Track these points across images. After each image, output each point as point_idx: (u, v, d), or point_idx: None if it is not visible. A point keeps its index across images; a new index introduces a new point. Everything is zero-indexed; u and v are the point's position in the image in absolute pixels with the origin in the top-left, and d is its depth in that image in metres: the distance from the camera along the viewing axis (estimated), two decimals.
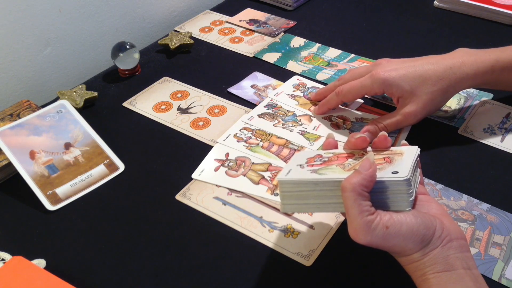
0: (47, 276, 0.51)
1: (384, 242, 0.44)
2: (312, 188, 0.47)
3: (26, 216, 0.61)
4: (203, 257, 0.56)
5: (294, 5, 1.01)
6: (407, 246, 0.44)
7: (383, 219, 0.43)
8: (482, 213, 0.59)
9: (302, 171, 0.49)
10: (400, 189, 0.45)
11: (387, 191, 0.45)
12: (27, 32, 0.78)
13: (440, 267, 0.43)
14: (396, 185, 0.45)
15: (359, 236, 0.44)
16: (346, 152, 0.52)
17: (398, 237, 0.43)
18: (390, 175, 0.45)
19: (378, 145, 0.52)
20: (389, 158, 0.49)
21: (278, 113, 0.75)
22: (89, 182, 0.65)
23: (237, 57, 0.88)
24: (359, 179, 0.44)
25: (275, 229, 0.58)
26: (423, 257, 0.44)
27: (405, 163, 0.47)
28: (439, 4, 1.00)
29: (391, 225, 0.43)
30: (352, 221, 0.44)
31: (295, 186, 0.48)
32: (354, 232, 0.44)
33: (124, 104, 0.78)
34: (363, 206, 0.43)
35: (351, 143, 0.52)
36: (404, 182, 0.44)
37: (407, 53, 0.87)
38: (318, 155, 0.53)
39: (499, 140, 0.69)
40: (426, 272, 0.44)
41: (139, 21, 0.96)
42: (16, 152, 0.64)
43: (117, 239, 0.58)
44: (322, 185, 0.47)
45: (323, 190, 0.47)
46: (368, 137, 0.52)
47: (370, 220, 0.43)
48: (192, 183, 0.65)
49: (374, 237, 0.43)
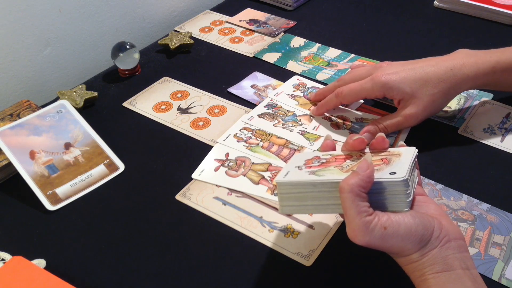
0: (47, 276, 0.51)
1: (383, 242, 0.44)
2: (310, 190, 0.47)
3: (26, 216, 0.61)
4: (203, 257, 0.56)
5: (294, 5, 1.01)
6: (405, 247, 0.44)
7: (381, 220, 0.43)
8: (482, 213, 0.59)
9: (300, 173, 0.49)
10: (398, 189, 0.45)
11: (385, 192, 0.45)
12: (27, 32, 0.78)
13: (439, 268, 0.43)
14: (394, 185, 0.45)
15: (357, 237, 0.44)
16: (344, 153, 0.52)
17: (396, 238, 0.43)
18: (388, 176, 0.45)
19: (376, 146, 0.52)
20: (387, 159, 0.49)
21: (278, 113, 0.75)
22: (89, 182, 0.65)
23: (237, 57, 0.88)
24: (357, 180, 0.44)
25: (275, 229, 0.58)
26: (421, 258, 0.44)
27: (402, 164, 0.47)
28: (439, 4, 1.00)
29: (389, 225, 0.43)
30: (350, 222, 0.44)
31: (293, 188, 0.48)
32: (352, 233, 0.44)
33: (124, 104, 0.78)
34: (361, 207, 0.43)
35: (349, 144, 0.52)
36: (402, 183, 0.44)
37: (407, 53, 0.88)
38: (316, 156, 0.53)
39: (499, 140, 0.69)
40: (425, 273, 0.44)
41: (139, 21, 0.96)
42: (16, 152, 0.64)
43: (117, 239, 0.58)
44: (320, 187, 0.47)
45: (321, 192, 0.47)
46: (367, 138, 0.52)
47: (368, 221, 0.43)
48: (192, 183, 0.65)
49: (373, 238, 0.43)
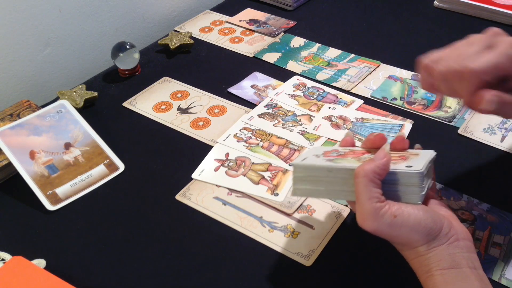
0: (47, 276, 0.51)
1: (391, 230, 0.44)
2: (325, 174, 0.48)
3: (26, 216, 0.61)
4: (203, 257, 0.56)
5: (294, 5, 1.01)
6: (413, 238, 0.44)
7: (392, 208, 0.44)
8: (482, 213, 0.59)
9: (317, 159, 0.50)
10: (412, 182, 0.45)
11: (399, 183, 0.46)
12: (27, 32, 0.78)
13: (446, 264, 0.43)
14: (409, 177, 0.45)
15: (366, 222, 0.44)
16: (363, 149, 0.53)
17: (405, 227, 0.44)
18: (404, 168, 0.46)
19: (395, 146, 0.52)
20: (405, 157, 0.49)
21: (278, 113, 0.75)
22: (89, 182, 0.65)
23: (237, 57, 0.88)
24: (372, 166, 0.44)
25: (275, 229, 0.58)
26: (428, 252, 0.44)
27: (420, 160, 0.47)
28: (439, 4, 1.00)
29: (399, 214, 0.44)
30: (361, 207, 0.44)
31: (309, 171, 0.49)
32: (362, 217, 0.44)
33: (124, 104, 0.78)
34: (373, 192, 0.44)
35: (370, 140, 0.52)
36: (418, 175, 0.45)
37: (407, 53, 0.88)
38: (335, 149, 0.54)
39: (499, 140, 0.69)
40: (432, 268, 0.44)
41: (139, 21, 0.96)
42: (16, 152, 0.64)
43: (117, 239, 0.58)
44: (335, 172, 0.48)
45: (336, 178, 0.48)
46: None
47: (378, 207, 0.43)
48: (192, 183, 0.65)
49: (381, 225, 0.44)
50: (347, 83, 0.81)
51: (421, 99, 0.76)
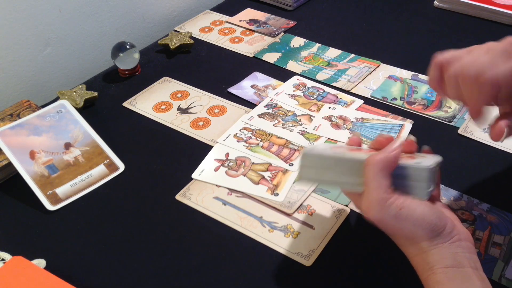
0: (47, 276, 0.51)
1: (395, 222, 0.44)
2: (333, 164, 0.49)
3: (26, 216, 0.61)
4: (203, 257, 0.56)
5: (294, 5, 1.01)
6: (416, 232, 0.44)
7: (398, 200, 0.44)
8: (482, 213, 0.59)
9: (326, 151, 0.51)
10: (421, 177, 0.46)
11: (408, 178, 0.46)
12: (27, 32, 0.78)
13: (448, 262, 0.43)
14: (418, 172, 0.46)
15: (371, 212, 0.44)
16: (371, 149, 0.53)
17: (409, 221, 0.44)
18: (414, 163, 0.46)
19: (404, 148, 0.52)
20: (413, 157, 0.50)
21: (278, 113, 0.75)
22: (89, 182, 0.65)
23: (237, 57, 0.88)
24: (382, 157, 0.45)
25: (275, 229, 0.58)
26: (430, 248, 0.44)
27: (428, 160, 0.48)
28: (439, 4, 1.00)
29: (405, 207, 0.44)
30: (368, 195, 0.44)
31: (317, 159, 0.50)
32: (367, 207, 0.45)
33: (124, 104, 0.78)
34: (382, 182, 0.44)
35: (378, 142, 0.52)
36: (427, 170, 0.45)
37: (407, 53, 0.88)
38: (344, 147, 0.54)
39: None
40: (434, 266, 0.44)
41: (139, 21, 0.96)
42: (16, 152, 0.64)
43: (117, 239, 0.58)
44: (344, 162, 0.48)
45: (344, 168, 0.48)
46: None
47: (385, 198, 0.44)
48: (192, 183, 0.65)
49: (386, 215, 0.44)
50: (347, 83, 0.81)
51: (421, 99, 0.76)
